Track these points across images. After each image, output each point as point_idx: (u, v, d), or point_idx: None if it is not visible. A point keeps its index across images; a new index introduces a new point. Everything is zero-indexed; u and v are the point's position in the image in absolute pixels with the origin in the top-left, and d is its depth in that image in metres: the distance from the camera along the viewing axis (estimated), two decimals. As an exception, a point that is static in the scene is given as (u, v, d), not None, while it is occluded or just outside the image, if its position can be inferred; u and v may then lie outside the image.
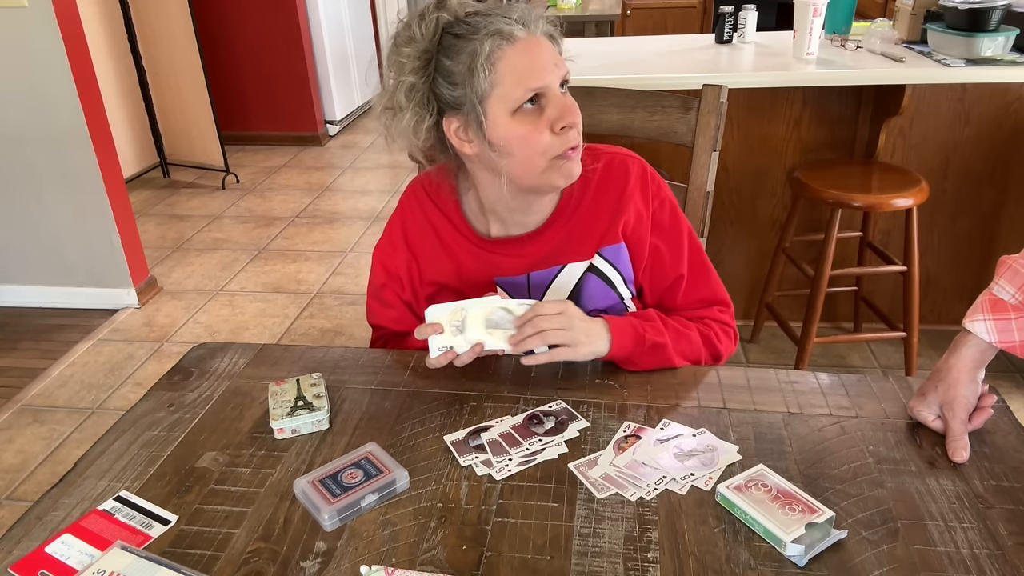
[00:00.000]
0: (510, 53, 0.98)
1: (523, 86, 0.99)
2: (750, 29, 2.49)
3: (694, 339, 1.13)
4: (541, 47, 1.00)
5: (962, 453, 0.89)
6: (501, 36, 0.98)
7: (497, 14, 1.00)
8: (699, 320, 1.16)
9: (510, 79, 0.99)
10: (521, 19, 0.99)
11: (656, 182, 1.16)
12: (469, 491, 0.87)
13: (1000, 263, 0.94)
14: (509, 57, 0.98)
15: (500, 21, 0.98)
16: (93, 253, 2.96)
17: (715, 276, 1.19)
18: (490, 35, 0.98)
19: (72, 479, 0.92)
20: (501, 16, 0.99)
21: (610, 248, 1.14)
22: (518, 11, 1.00)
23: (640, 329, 1.07)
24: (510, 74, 0.98)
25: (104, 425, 2.30)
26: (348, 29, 5.21)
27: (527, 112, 1.00)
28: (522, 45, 0.99)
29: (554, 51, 1.02)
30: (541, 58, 1.00)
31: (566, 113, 1.01)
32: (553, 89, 1.01)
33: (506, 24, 0.98)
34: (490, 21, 0.99)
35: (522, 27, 0.99)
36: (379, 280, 1.21)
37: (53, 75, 2.67)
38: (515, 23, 0.99)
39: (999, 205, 2.43)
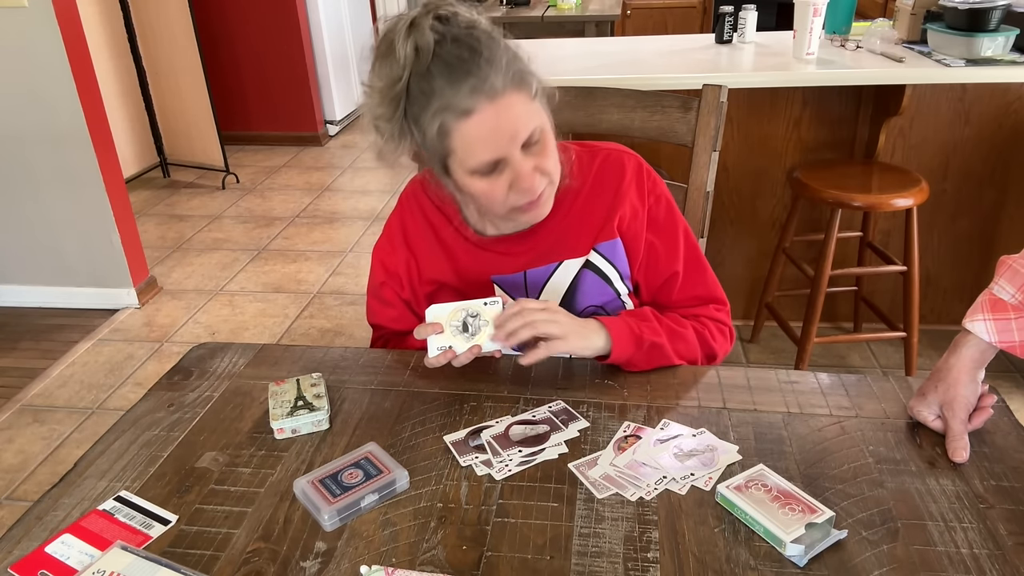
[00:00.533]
0: (464, 127, 0.93)
1: (477, 158, 0.97)
2: (750, 29, 2.49)
3: (689, 338, 1.12)
4: (499, 116, 0.93)
5: (962, 453, 0.89)
6: (452, 111, 0.92)
7: (456, 78, 0.91)
8: (694, 318, 1.16)
9: (463, 151, 0.96)
10: (478, 86, 0.91)
11: (652, 178, 1.16)
12: (469, 491, 0.87)
13: (1000, 263, 0.94)
14: (462, 131, 0.94)
15: (454, 92, 0.91)
16: (93, 253, 2.96)
17: (711, 274, 1.19)
18: (442, 110, 0.92)
19: (72, 479, 0.92)
20: (457, 83, 0.91)
21: (606, 244, 1.14)
22: (477, 74, 0.91)
23: (637, 330, 1.07)
24: (463, 146, 0.96)
25: (104, 425, 2.30)
26: (348, 29, 5.21)
27: (485, 172, 0.99)
28: (477, 119, 0.93)
29: (518, 108, 0.95)
30: (498, 129, 0.94)
31: (521, 180, 0.98)
32: (512, 155, 0.97)
33: (460, 97, 0.91)
34: (445, 90, 0.91)
35: (478, 95, 0.91)
36: (378, 279, 1.21)
37: (53, 75, 2.67)
38: (471, 93, 0.91)
39: (999, 205, 2.43)
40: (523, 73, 0.95)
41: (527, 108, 0.96)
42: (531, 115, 0.97)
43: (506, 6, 4.39)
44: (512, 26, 4.19)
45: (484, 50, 0.92)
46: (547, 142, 1.01)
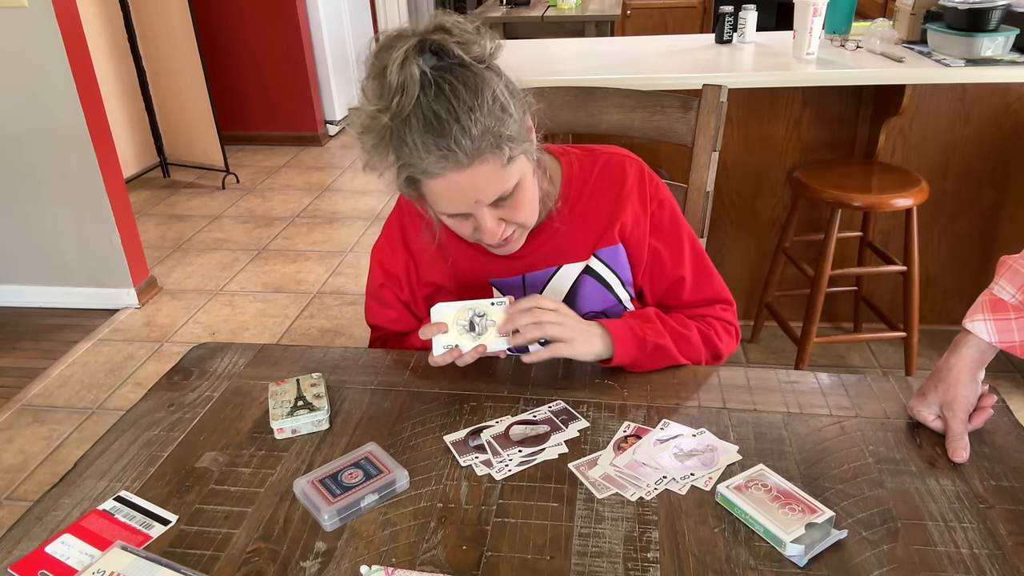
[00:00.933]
0: (430, 184, 0.94)
1: (441, 210, 0.99)
2: (750, 29, 2.49)
3: (694, 339, 1.12)
4: (463, 183, 0.92)
5: (962, 453, 0.89)
6: (420, 171, 0.92)
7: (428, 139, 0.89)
8: (700, 318, 1.16)
9: (429, 199, 0.98)
10: (447, 155, 0.89)
11: (655, 183, 1.16)
12: (469, 491, 0.87)
13: (1000, 263, 0.94)
14: (429, 185, 0.94)
15: (424, 153, 0.90)
16: (93, 253, 2.96)
17: (716, 276, 1.19)
18: (411, 166, 0.92)
19: (72, 479, 0.92)
20: (428, 145, 0.89)
21: (607, 250, 1.14)
22: (448, 142, 0.88)
23: (640, 332, 1.07)
24: (429, 196, 0.97)
25: (104, 425, 2.30)
26: (348, 29, 5.22)
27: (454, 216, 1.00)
28: (443, 182, 0.92)
29: (485, 177, 0.93)
30: (462, 194, 0.94)
31: (484, 233, 0.99)
32: (476, 212, 0.97)
33: (428, 162, 0.90)
34: (417, 148, 0.90)
35: (445, 163, 0.90)
36: (377, 280, 1.21)
37: (53, 75, 2.67)
38: (439, 159, 0.90)
39: (999, 205, 2.43)
40: (499, 138, 0.91)
41: (496, 175, 0.94)
42: (500, 180, 0.95)
43: (506, 6, 4.39)
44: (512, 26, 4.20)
45: (462, 109, 0.88)
46: (520, 197, 0.99)
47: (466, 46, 0.91)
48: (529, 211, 1.03)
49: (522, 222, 1.03)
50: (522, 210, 1.01)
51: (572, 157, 1.16)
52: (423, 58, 0.89)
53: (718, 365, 1.16)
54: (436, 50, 0.90)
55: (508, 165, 0.95)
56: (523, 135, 0.96)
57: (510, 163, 0.95)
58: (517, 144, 0.95)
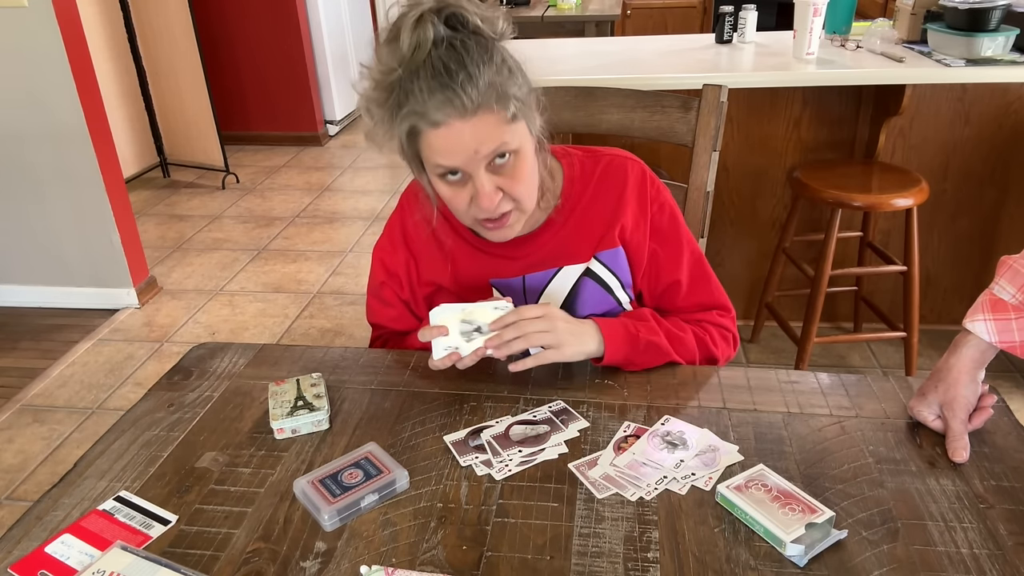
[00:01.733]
0: (431, 135, 0.94)
1: (438, 163, 0.97)
2: (750, 29, 2.49)
3: (688, 341, 1.12)
4: (464, 132, 0.93)
5: (962, 453, 0.89)
6: (423, 118, 0.93)
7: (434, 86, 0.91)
8: (696, 323, 1.16)
9: (427, 153, 0.98)
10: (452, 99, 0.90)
11: (656, 186, 1.16)
12: (469, 491, 0.87)
13: (1000, 263, 0.94)
14: (429, 138, 0.95)
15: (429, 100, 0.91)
16: (93, 253, 2.96)
17: (716, 281, 1.19)
18: (414, 113, 0.93)
19: (72, 479, 0.92)
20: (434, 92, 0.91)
21: (607, 252, 1.13)
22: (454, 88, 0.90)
23: (633, 329, 1.06)
24: (427, 150, 0.97)
25: (104, 425, 2.30)
26: (348, 29, 5.22)
27: (450, 180, 0.99)
28: (444, 131, 0.93)
29: (487, 128, 0.93)
30: (461, 144, 0.94)
31: (480, 197, 0.98)
32: (473, 170, 0.96)
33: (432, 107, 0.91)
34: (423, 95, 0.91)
35: (449, 109, 0.91)
36: (379, 278, 1.21)
37: (53, 75, 2.67)
38: (443, 105, 0.91)
39: (999, 205, 2.43)
40: (505, 94, 0.93)
41: (498, 129, 0.94)
42: (501, 135, 0.95)
43: (506, 6, 4.39)
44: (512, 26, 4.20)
45: (471, 62, 0.90)
46: (520, 167, 0.99)
47: (481, 19, 0.94)
48: (527, 187, 1.01)
49: (519, 196, 1.01)
50: (520, 182, 1.00)
51: (574, 158, 1.16)
52: (439, 23, 0.91)
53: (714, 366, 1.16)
54: (451, 17, 0.92)
55: (511, 123, 0.95)
56: (529, 104, 0.98)
57: (513, 121, 0.96)
58: (522, 108, 0.96)
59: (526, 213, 1.05)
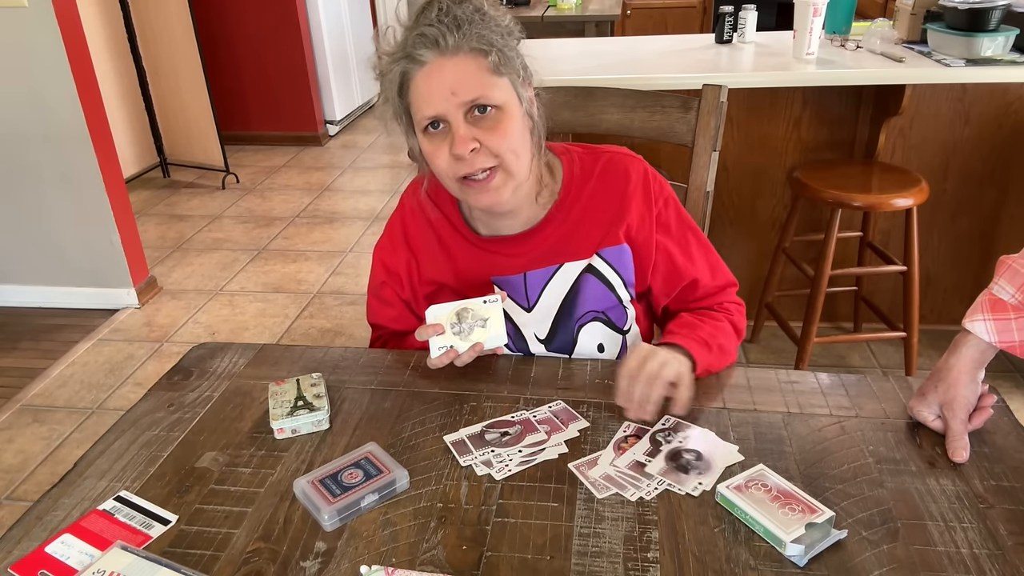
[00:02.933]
0: (417, 77, 0.98)
1: (420, 112, 1.00)
2: (750, 29, 2.49)
3: (728, 330, 1.15)
4: (444, 72, 0.96)
5: (962, 453, 0.89)
6: (409, 59, 0.98)
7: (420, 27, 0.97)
8: (719, 306, 1.19)
9: (415, 103, 1.01)
10: (437, 39, 0.96)
11: (659, 182, 1.16)
12: (469, 491, 0.87)
13: (1000, 263, 0.94)
14: (416, 80, 0.99)
15: (415, 39, 0.97)
16: (93, 253, 2.96)
17: (721, 261, 1.21)
18: (402, 57, 0.98)
19: (72, 479, 0.92)
20: (420, 31, 0.97)
21: (611, 250, 1.14)
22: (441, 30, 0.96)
23: (700, 337, 1.07)
24: (414, 97, 1.00)
25: (104, 425, 2.30)
26: (348, 29, 5.21)
27: (432, 133, 1.01)
28: (426, 70, 0.97)
29: (466, 70, 0.97)
30: (441, 85, 0.97)
31: (455, 144, 0.98)
32: (452, 117, 0.98)
33: (417, 45, 0.97)
34: (415, 36, 0.97)
35: (433, 48, 0.96)
36: (379, 278, 1.21)
37: (53, 75, 2.67)
38: (426, 43, 0.96)
39: (999, 205, 2.43)
40: (489, 43, 0.97)
41: (478, 74, 0.97)
42: (482, 83, 0.98)
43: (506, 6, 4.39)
44: (512, 26, 4.20)
45: (465, 15, 0.96)
46: (502, 122, 1.00)
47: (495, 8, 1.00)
48: (508, 143, 1.00)
49: (499, 151, 1.00)
50: (500, 136, 0.99)
51: (574, 155, 1.16)
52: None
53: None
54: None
55: (493, 75, 0.98)
56: (516, 67, 1.01)
57: (495, 74, 0.98)
58: (507, 64, 0.99)
59: (514, 178, 1.03)
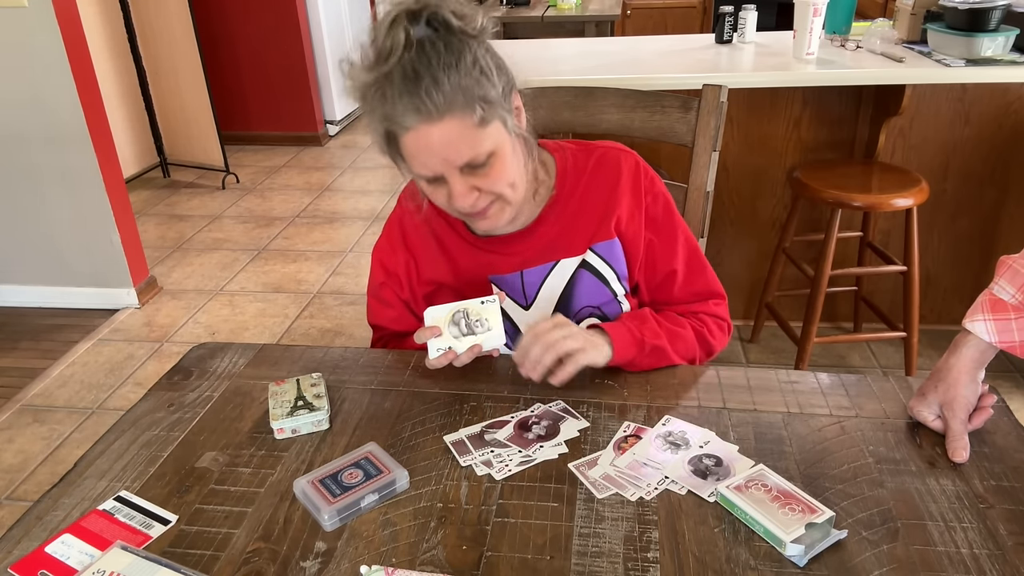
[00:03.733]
0: (404, 138, 0.95)
1: (414, 168, 0.99)
2: (750, 29, 2.49)
3: (688, 337, 1.13)
4: (432, 139, 0.93)
5: (962, 453, 0.89)
6: (395, 123, 0.94)
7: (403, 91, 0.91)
8: (693, 315, 1.17)
9: (406, 158, 0.98)
10: (419, 106, 0.91)
11: (649, 177, 1.16)
12: (469, 491, 0.87)
13: (1000, 263, 0.94)
14: (404, 141, 0.95)
15: (398, 105, 0.92)
16: (93, 253, 2.96)
17: (709, 269, 1.20)
18: (388, 118, 0.94)
19: (72, 479, 0.92)
20: (403, 97, 0.91)
21: (603, 244, 1.14)
22: (419, 94, 0.90)
23: (638, 333, 1.07)
24: (406, 154, 0.98)
25: (104, 425, 2.30)
26: (348, 29, 5.22)
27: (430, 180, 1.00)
28: (412, 135, 0.94)
29: (454, 134, 0.93)
30: (431, 153, 0.95)
31: (454, 199, 0.99)
32: (448, 175, 0.97)
33: (400, 112, 0.92)
34: (394, 100, 0.92)
35: (417, 115, 0.92)
36: (378, 279, 1.21)
37: (53, 75, 2.67)
38: (412, 112, 0.92)
39: (999, 205, 2.43)
40: (472, 97, 0.92)
41: (467, 134, 0.94)
42: (471, 141, 0.95)
43: (506, 6, 4.39)
44: (512, 26, 4.20)
45: (439, 66, 0.91)
46: (496, 166, 0.98)
47: (459, 17, 0.93)
48: (505, 182, 1.00)
49: (498, 192, 1.01)
50: (497, 180, 0.99)
51: (567, 152, 1.16)
52: (415, 25, 0.91)
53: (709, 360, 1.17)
54: (429, 18, 0.92)
55: (480, 128, 0.95)
56: (502, 103, 0.97)
57: (483, 125, 0.95)
58: (492, 109, 0.95)
59: (512, 204, 1.04)
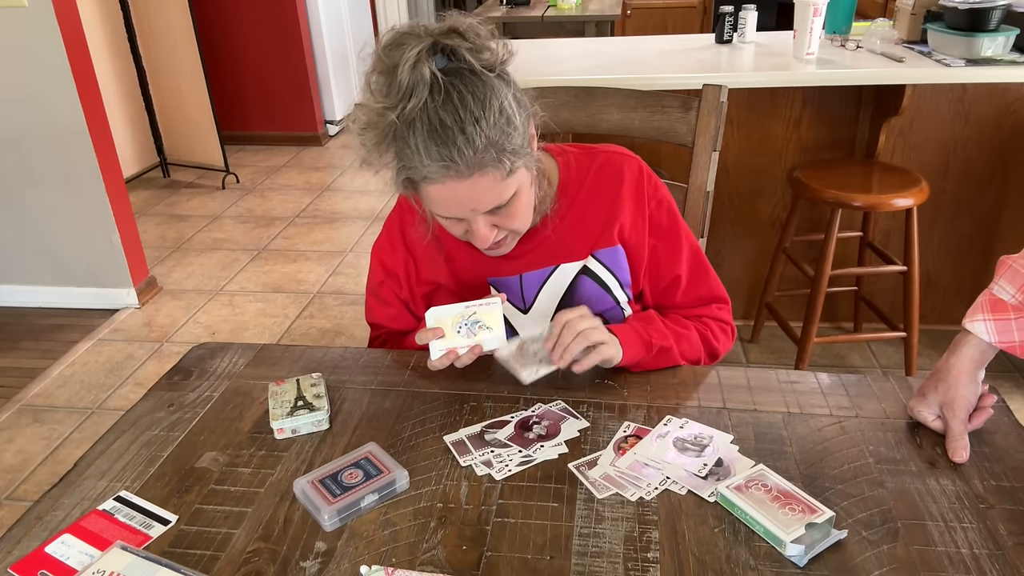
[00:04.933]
0: (428, 188, 0.94)
1: (434, 210, 0.99)
2: (750, 29, 2.49)
3: (693, 339, 1.13)
4: (460, 191, 0.93)
5: (962, 453, 0.89)
6: (420, 174, 0.92)
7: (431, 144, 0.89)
8: (697, 319, 1.17)
9: (427, 200, 0.98)
10: (449, 164, 0.89)
11: (653, 183, 1.16)
12: (469, 491, 0.87)
13: (1000, 263, 0.94)
14: (427, 189, 0.95)
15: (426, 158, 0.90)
16: (93, 253, 2.96)
17: (713, 274, 1.20)
18: (411, 168, 0.92)
19: (72, 479, 0.92)
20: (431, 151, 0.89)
21: (605, 251, 1.14)
22: (452, 149, 0.88)
23: (646, 335, 1.07)
24: (424, 198, 0.98)
25: (104, 425, 2.30)
26: (348, 29, 5.21)
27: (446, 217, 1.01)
28: (438, 187, 0.93)
29: (484, 187, 0.93)
30: (457, 202, 0.95)
31: (475, 237, 1.00)
32: (470, 219, 0.98)
33: (429, 167, 0.90)
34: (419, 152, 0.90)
35: (446, 171, 0.90)
36: (377, 278, 1.21)
37: (53, 75, 2.67)
38: (440, 167, 0.90)
39: (999, 205, 2.43)
40: (503, 151, 0.91)
41: (495, 186, 0.94)
42: (499, 191, 0.95)
43: (506, 6, 4.39)
44: (512, 26, 4.20)
45: (468, 120, 0.88)
46: (516, 204, 0.99)
47: (478, 52, 0.91)
48: (523, 219, 1.03)
49: (515, 228, 1.04)
50: (517, 218, 1.02)
51: (570, 156, 1.16)
52: (435, 60, 0.89)
53: (714, 364, 1.16)
54: (449, 53, 0.90)
55: (508, 177, 0.95)
56: (525, 147, 0.96)
57: (510, 175, 0.95)
58: (519, 157, 0.95)
59: (521, 234, 1.08)
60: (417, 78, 0.87)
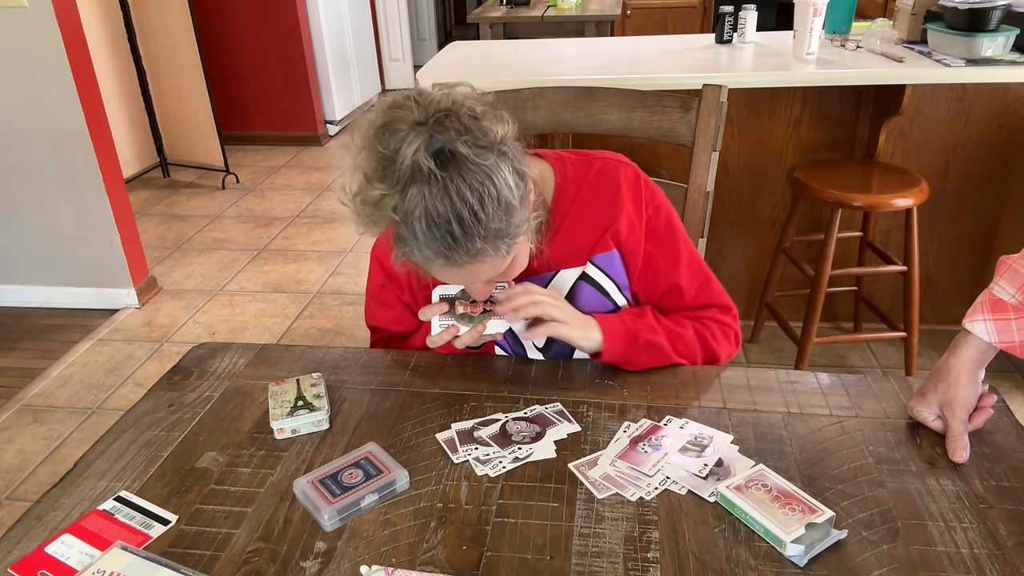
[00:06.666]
0: (425, 265, 0.93)
1: (435, 277, 0.99)
2: (750, 29, 2.48)
3: (688, 337, 1.12)
4: (460, 274, 0.95)
5: (962, 453, 0.89)
6: (415, 258, 0.91)
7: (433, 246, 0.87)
8: (697, 319, 1.16)
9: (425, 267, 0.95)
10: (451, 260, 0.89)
11: (650, 189, 1.15)
12: (469, 491, 0.87)
13: (1000, 263, 0.94)
14: (424, 265, 0.93)
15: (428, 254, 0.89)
16: (93, 253, 2.96)
17: (715, 282, 1.18)
18: (404, 254, 0.91)
19: (72, 479, 0.92)
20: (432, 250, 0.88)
21: (603, 256, 1.13)
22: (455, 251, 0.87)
23: (632, 327, 1.07)
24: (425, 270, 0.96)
25: (104, 425, 2.30)
26: (348, 29, 5.21)
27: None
28: (436, 268, 0.93)
29: (484, 267, 0.93)
30: (457, 279, 1.01)
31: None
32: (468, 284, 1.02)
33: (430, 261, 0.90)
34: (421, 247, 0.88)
35: (448, 263, 0.90)
36: (378, 281, 1.21)
37: (53, 75, 2.67)
38: (442, 262, 0.90)
39: (999, 205, 2.43)
40: (501, 238, 0.90)
41: (493, 265, 0.94)
42: (497, 268, 0.95)
43: (506, 6, 4.39)
44: (512, 26, 4.20)
45: (467, 215, 0.85)
46: (515, 265, 1.00)
47: (475, 139, 0.86)
48: (519, 270, 1.02)
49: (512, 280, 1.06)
50: (514, 274, 1.02)
51: (566, 163, 1.15)
52: (432, 148, 0.84)
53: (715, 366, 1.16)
54: (446, 144, 0.85)
55: (507, 255, 0.94)
56: (525, 220, 0.93)
57: (509, 253, 0.94)
58: (519, 234, 0.93)
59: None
60: (415, 170, 0.84)
